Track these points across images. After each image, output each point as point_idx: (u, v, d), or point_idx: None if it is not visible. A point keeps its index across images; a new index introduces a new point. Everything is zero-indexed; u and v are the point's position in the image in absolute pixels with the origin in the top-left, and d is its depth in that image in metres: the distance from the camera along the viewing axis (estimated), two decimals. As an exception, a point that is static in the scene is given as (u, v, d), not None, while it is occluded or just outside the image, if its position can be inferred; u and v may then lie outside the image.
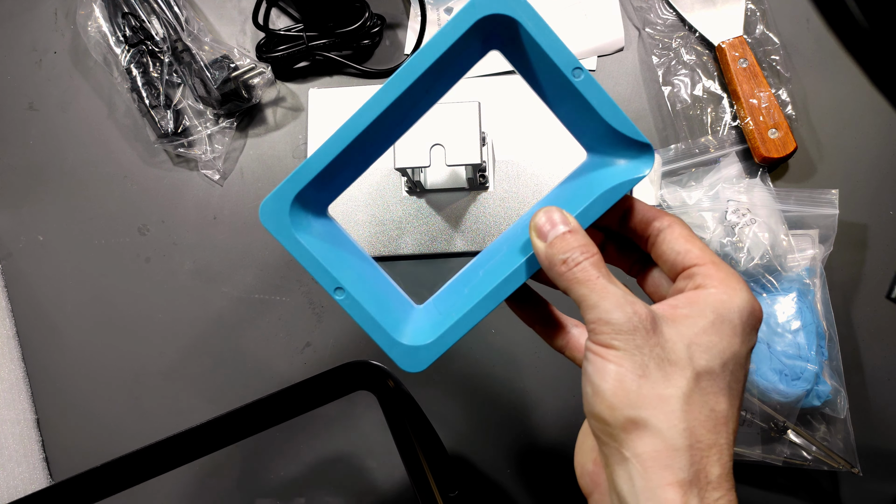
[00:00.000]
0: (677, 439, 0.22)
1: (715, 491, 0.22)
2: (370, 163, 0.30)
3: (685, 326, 0.24)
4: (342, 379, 0.41)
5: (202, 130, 0.55)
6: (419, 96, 0.27)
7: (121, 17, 0.54)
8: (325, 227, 0.29)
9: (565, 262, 0.24)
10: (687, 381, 0.23)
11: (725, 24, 0.53)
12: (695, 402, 0.22)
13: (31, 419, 0.52)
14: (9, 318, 0.54)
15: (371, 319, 0.27)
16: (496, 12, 0.25)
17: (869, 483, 0.47)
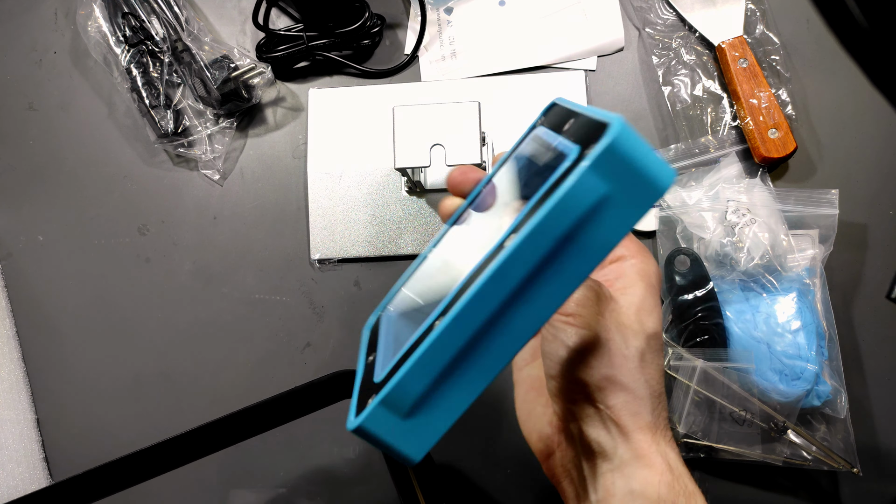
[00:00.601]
0: (641, 390, 0.26)
1: (667, 431, 0.27)
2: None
3: (629, 296, 0.27)
4: (330, 388, 0.41)
5: (202, 130, 0.55)
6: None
7: (121, 17, 0.54)
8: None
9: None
10: (641, 342, 0.27)
11: (725, 24, 0.53)
12: (647, 359, 0.27)
13: (30, 419, 0.52)
14: (9, 318, 0.54)
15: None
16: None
17: (869, 483, 0.47)
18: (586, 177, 0.20)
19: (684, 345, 0.47)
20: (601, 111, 0.22)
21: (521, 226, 0.21)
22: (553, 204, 0.20)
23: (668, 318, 0.48)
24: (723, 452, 0.46)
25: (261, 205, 0.55)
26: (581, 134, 0.23)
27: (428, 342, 0.22)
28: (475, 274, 0.22)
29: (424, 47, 0.56)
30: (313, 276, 0.53)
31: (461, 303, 0.21)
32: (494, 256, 0.21)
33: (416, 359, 0.22)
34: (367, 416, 0.22)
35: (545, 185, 0.22)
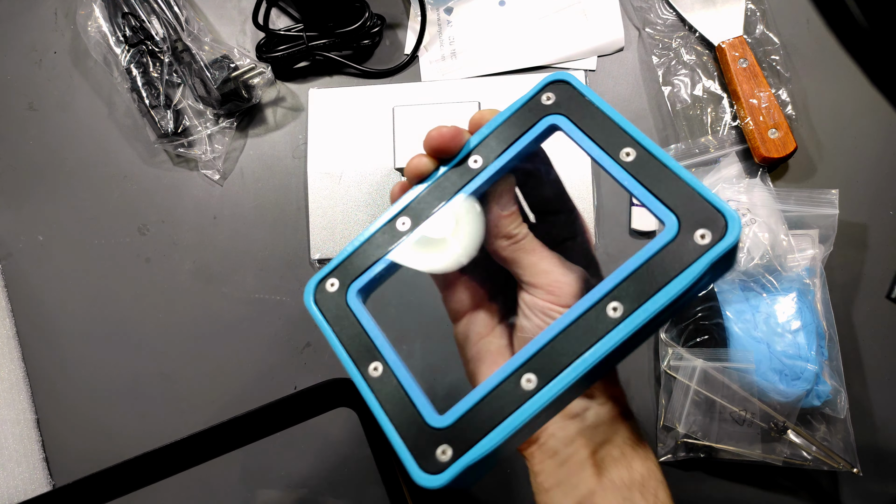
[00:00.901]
0: (614, 372, 0.30)
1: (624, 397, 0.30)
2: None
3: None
4: (323, 395, 0.41)
5: (202, 130, 0.55)
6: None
7: (121, 17, 0.54)
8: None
9: (514, 236, 0.28)
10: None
11: (725, 24, 0.53)
12: None
13: (30, 419, 0.52)
14: (9, 318, 0.54)
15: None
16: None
17: (869, 483, 0.47)
18: (706, 272, 0.22)
19: (684, 345, 0.47)
20: (668, 156, 0.23)
21: (631, 302, 0.22)
22: (674, 294, 0.22)
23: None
24: (723, 452, 0.46)
25: (261, 205, 0.55)
26: (668, 194, 0.23)
27: (527, 413, 0.22)
28: (573, 339, 0.23)
29: (424, 47, 0.56)
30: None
31: (565, 380, 0.22)
32: (598, 327, 0.22)
33: (515, 427, 0.22)
34: (456, 476, 0.23)
35: (641, 257, 0.23)
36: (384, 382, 0.25)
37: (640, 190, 0.24)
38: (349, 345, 0.27)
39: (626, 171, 0.24)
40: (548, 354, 0.23)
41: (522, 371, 0.23)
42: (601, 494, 0.27)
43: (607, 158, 0.24)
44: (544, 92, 0.27)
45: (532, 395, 0.22)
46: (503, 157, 0.27)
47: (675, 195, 0.23)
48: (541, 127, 0.26)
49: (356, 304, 0.27)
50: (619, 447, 0.28)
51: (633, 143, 0.24)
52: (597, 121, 0.25)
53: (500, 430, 0.22)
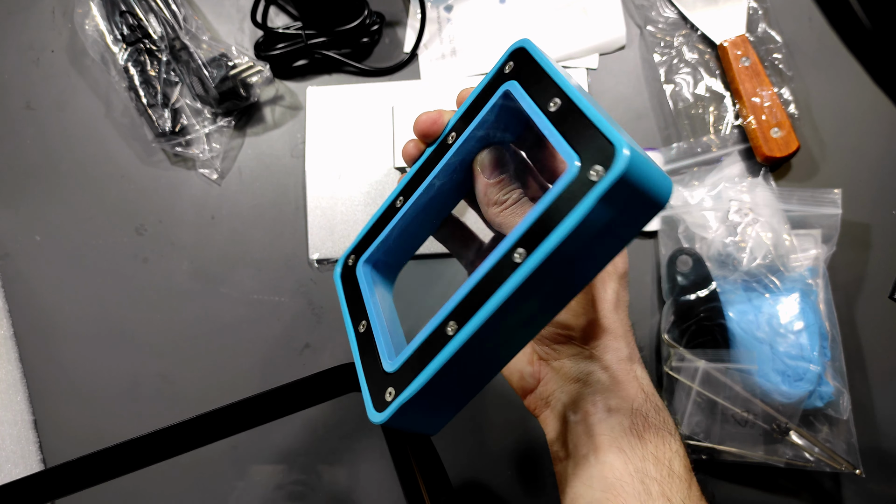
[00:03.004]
0: (619, 329, 0.30)
1: (639, 359, 0.31)
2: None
3: None
4: (337, 379, 0.41)
5: (200, 129, 0.54)
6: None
7: (118, 15, 0.54)
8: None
9: (504, 202, 0.28)
10: (615, 283, 0.31)
11: (727, 23, 0.52)
12: (621, 298, 0.31)
13: (28, 420, 0.52)
14: (6, 318, 0.54)
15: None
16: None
17: (871, 484, 0.47)
18: (597, 209, 0.21)
19: (686, 346, 0.46)
20: (586, 101, 0.23)
21: (530, 246, 0.23)
22: (563, 234, 0.22)
23: (671, 319, 0.47)
24: (725, 454, 0.45)
25: (259, 204, 0.55)
26: (577, 135, 0.23)
27: (446, 354, 0.24)
28: (485, 286, 0.24)
29: (424, 45, 0.56)
30: (312, 277, 0.53)
31: (476, 322, 0.23)
32: (504, 273, 0.23)
33: (436, 369, 0.24)
34: (392, 415, 0.25)
35: (545, 201, 0.23)
36: (367, 337, 0.29)
37: (555, 135, 0.24)
38: (351, 308, 0.31)
39: (546, 118, 0.24)
40: (465, 303, 0.24)
41: (448, 319, 0.25)
42: (611, 465, 0.27)
43: (536, 109, 0.25)
44: (508, 61, 0.28)
45: (450, 339, 0.24)
46: (468, 129, 0.28)
47: (583, 137, 0.23)
48: (497, 94, 0.28)
49: (361, 273, 0.32)
50: (630, 416, 0.28)
51: (561, 94, 0.24)
52: (541, 81, 0.26)
53: (426, 372, 0.24)
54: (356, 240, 0.33)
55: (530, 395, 0.32)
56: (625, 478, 0.26)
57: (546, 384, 0.31)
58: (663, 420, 0.29)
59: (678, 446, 0.28)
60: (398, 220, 0.31)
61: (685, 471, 0.27)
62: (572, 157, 0.22)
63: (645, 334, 0.50)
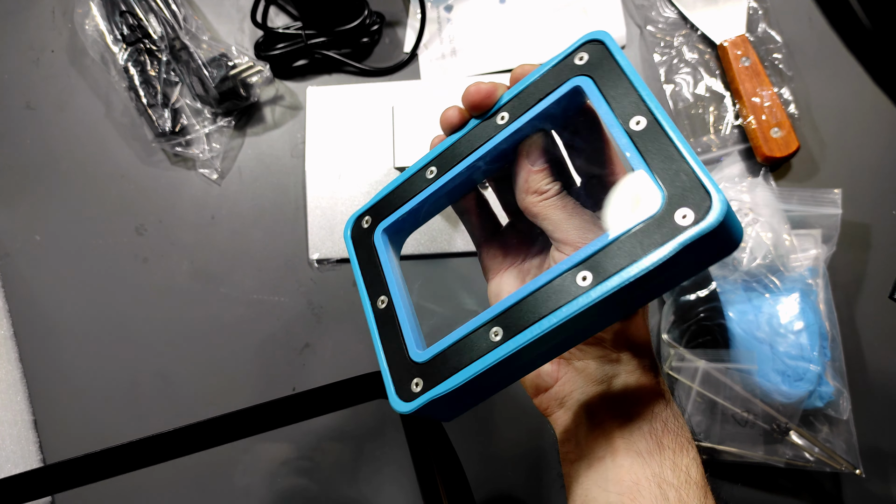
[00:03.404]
0: (644, 337, 0.30)
1: (657, 365, 0.31)
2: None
3: None
4: (364, 386, 0.42)
5: (200, 129, 0.54)
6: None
7: (118, 15, 0.54)
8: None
9: (545, 192, 0.27)
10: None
11: (727, 23, 0.52)
12: (646, 308, 0.30)
13: (28, 420, 0.52)
14: (6, 318, 0.54)
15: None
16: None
17: (871, 484, 0.47)
18: (680, 253, 0.21)
19: (686, 346, 0.46)
20: (677, 130, 0.22)
21: (599, 273, 0.22)
22: (640, 272, 0.21)
23: (671, 319, 0.47)
24: (725, 454, 0.45)
25: (259, 204, 0.55)
26: (663, 168, 0.22)
27: (490, 360, 0.24)
28: (540, 301, 0.23)
29: (424, 45, 0.56)
30: (312, 277, 0.53)
31: (528, 336, 0.23)
32: (566, 294, 0.23)
33: (476, 372, 0.24)
34: (419, 407, 0.25)
35: (618, 230, 0.22)
36: (387, 315, 0.28)
37: (638, 160, 0.23)
38: (366, 276, 0.30)
39: (630, 138, 0.23)
40: (516, 312, 0.24)
41: (492, 324, 0.24)
42: (628, 469, 0.27)
43: (616, 124, 0.24)
44: (579, 51, 0.26)
45: (495, 347, 0.24)
46: (526, 115, 0.27)
47: (669, 171, 0.22)
48: (566, 88, 0.26)
49: (380, 241, 0.30)
50: (649, 421, 0.28)
51: (647, 113, 0.23)
52: (619, 86, 0.24)
53: (462, 373, 0.24)
54: (373, 200, 0.31)
55: (543, 395, 0.32)
56: (642, 482, 0.26)
57: (564, 384, 0.31)
58: (681, 426, 0.28)
59: (695, 453, 0.28)
60: (431, 193, 0.29)
61: (702, 478, 0.27)
62: (657, 193, 0.22)
63: (645, 334, 0.50)
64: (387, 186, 0.31)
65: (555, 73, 0.27)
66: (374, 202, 0.31)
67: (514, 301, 0.24)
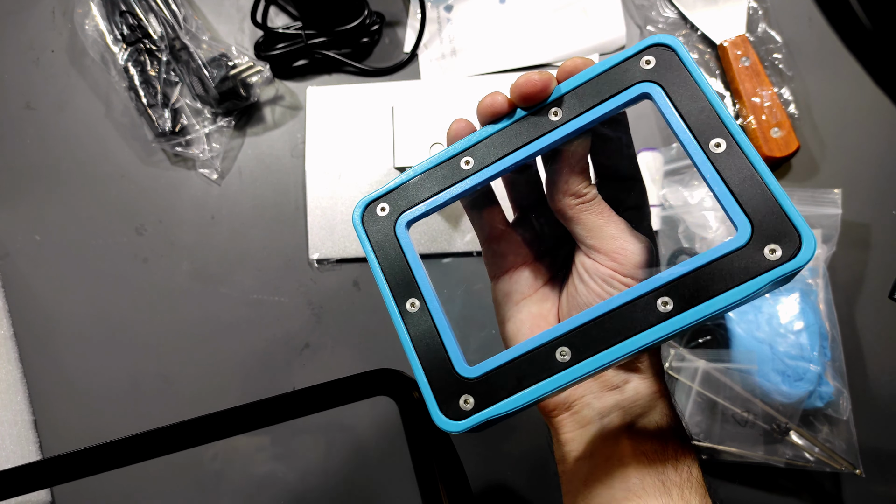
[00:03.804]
0: (660, 361, 0.30)
1: (664, 378, 0.30)
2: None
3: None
4: (368, 383, 0.42)
5: (200, 129, 0.54)
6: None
7: (118, 15, 0.54)
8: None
9: (583, 195, 0.26)
10: None
11: (727, 23, 0.52)
12: None
13: (28, 420, 0.52)
14: (6, 318, 0.54)
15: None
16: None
17: (871, 484, 0.47)
18: (766, 287, 0.21)
19: (686, 346, 0.46)
20: (767, 173, 0.22)
21: (682, 300, 0.22)
22: (728, 303, 0.21)
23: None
24: (725, 454, 0.45)
25: (259, 204, 0.55)
26: (748, 198, 0.22)
27: (557, 383, 0.23)
28: (615, 323, 0.23)
29: (424, 45, 0.56)
30: (312, 277, 0.53)
31: (602, 360, 0.22)
32: (645, 319, 0.22)
33: (542, 394, 0.23)
34: (468, 427, 0.23)
35: (704, 258, 0.22)
36: (419, 320, 0.25)
37: (721, 187, 0.22)
38: (390, 275, 0.26)
39: (711, 163, 0.22)
40: (588, 332, 0.23)
41: (559, 342, 0.23)
42: (634, 467, 0.27)
43: (695, 145, 0.23)
44: (645, 54, 0.25)
45: (563, 369, 0.23)
46: (586, 115, 0.25)
47: (755, 201, 0.22)
48: (633, 93, 0.24)
49: (404, 235, 0.26)
50: (656, 423, 0.28)
51: (726, 135, 0.22)
52: (693, 100, 0.23)
53: (524, 395, 0.23)
54: (389, 186, 0.27)
55: (551, 399, 0.31)
56: (646, 479, 0.26)
57: (577, 388, 0.31)
58: (683, 429, 0.29)
59: (694, 454, 0.28)
60: (472, 185, 0.26)
61: (701, 478, 0.28)
62: (744, 223, 0.22)
63: (645, 334, 0.50)
64: (407, 172, 0.27)
65: (616, 74, 0.25)
66: (392, 188, 0.27)
67: (585, 321, 0.23)
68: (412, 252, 0.26)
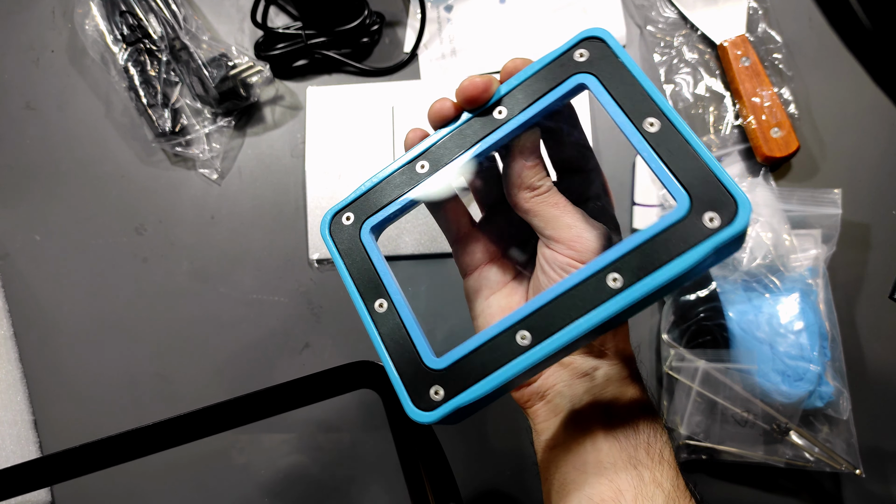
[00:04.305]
0: (626, 331, 0.31)
1: (638, 370, 0.31)
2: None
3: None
4: (349, 375, 0.42)
5: (200, 129, 0.54)
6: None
7: (118, 15, 0.54)
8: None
9: (538, 188, 0.27)
10: None
11: (727, 23, 0.52)
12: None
13: (28, 420, 0.52)
14: (6, 318, 0.54)
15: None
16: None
17: (871, 484, 0.47)
18: (709, 254, 0.22)
19: (686, 346, 0.46)
20: (701, 147, 0.23)
21: (630, 275, 0.23)
22: (674, 273, 0.22)
23: (671, 319, 0.47)
24: (725, 454, 0.45)
25: (259, 204, 0.55)
26: (683, 171, 0.23)
27: (521, 365, 0.23)
28: (570, 302, 0.23)
29: (424, 45, 0.56)
30: (312, 277, 0.53)
31: (560, 339, 0.23)
32: (597, 296, 0.23)
33: (507, 378, 0.24)
34: (445, 415, 0.24)
35: (648, 233, 0.23)
36: (387, 320, 0.27)
37: (658, 164, 0.23)
38: (358, 279, 0.28)
39: (647, 142, 0.23)
40: (545, 314, 0.24)
41: (519, 327, 0.24)
42: (607, 452, 0.27)
43: (630, 126, 0.24)
44: (578, 47, 0.26)
45: (524, 352, 0.23)
46: (528, 111, 0.26)
47: (691, 173, 0.23)
48: (569, 84, 0.26)
49: (369, 240, 0.28)
50: (627, 407, 0.28)
51: (659, 114, 0.24)
52: (626, 85, 0.25)
53: (490, 380, 0.24)
54: (353, 196, 0.29)
55: (525, 388, 0.32)
56: (618, 463, 0.27)
57: (548, 377, 0.31)
58: (654, 413, 0.29)
59: (667, 438, 0.29)
60: (425, 188, 0.28)
61: (673, 460, 0.28)
62: (682, 196, 0.22)
63: (645, 334, 0.50)
64: (367, 182, 0.29)
65: (553, 69, 0.26)
66: (355, 198, 0.29)
67: (541, 304, 0.24)
68: (378, 256, 0.28)
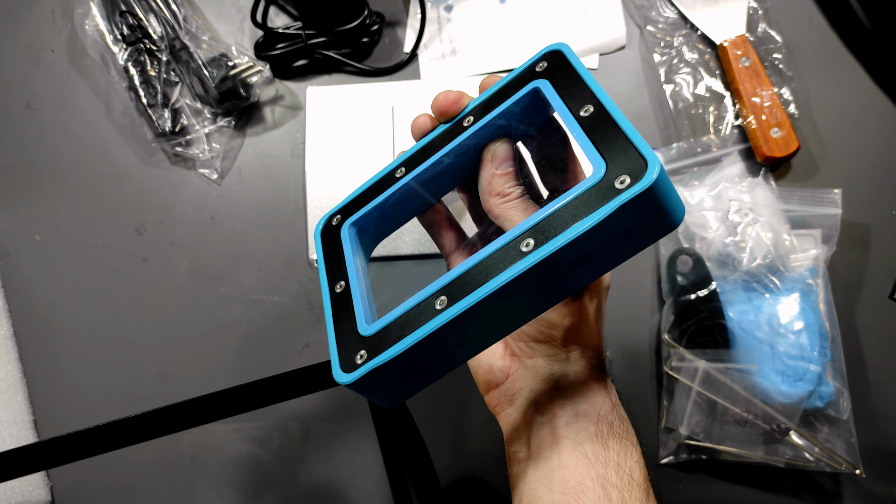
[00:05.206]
0: (596, 339, 0.31)
1: (608, 371, 0.32)
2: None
3: None
4: (317, 376, 0.42)
5: (200, 129, 0.54)
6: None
7: (118, 15, 0.54)
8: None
9: (508, 195, 0.28)
10: (600, 296, 0.32)
11: (727, 23, 0.52)
12: (601, 310, 0.32)
13: (28, 420, 0.52)
14: (6, 318, 0.54)
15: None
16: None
17: (871, 484, 0.47)
18: (616, 215, 0.22)
19: (686, 346, 0.46)
20: (621, 113, 0.24)
21: (541, 239, 0.23)
22: (579, 232, 0.22)
23: (671, 319, 0.47)
24: (725, 454, 0.45)
25: (259, 204, 0.55)
26: (606, 144, 0.24)
27: (431, 327, 0.24)
28: (485, 269, 0.24)
29: (424, 45, 0.56)
30: (312, 277, 0.53)
31: (469, 301, 0.24)
32: (508, 260, 0.24)
33: (418, 339, 0.24)
34: (359, 378, 0.25)
35: (563, 199, 0.23)
36: (343, 297, 0.29)
37: (584, 140, 0.24)
38: (329, 267, 0.31)
39: (578, 123, 0.25)
40: (461, 281, 0.25)
41: (438, 293, 0.25)
42: (573, 469, 0.27)
43: (568, 113, 0.26)
44: (540, 61, 0.29)
45: (438, 314, 0.24)
46: (488, 115, 0.29)
47: (613, 146, 0.24)
48: (526, 89, 0.28)
49: (346, 235, 0.31)
50: (595, 423, 0.29)
51: (595, 102, 0.25)
52: (573, 85, 0.26)
53: (405, 342, 0.25)
54: (344, 201, 0.33)
55: (494, 391, 0.32)
56: (586, 482, 0.27)
57: (514, 381, 0.32)
58: (626, 430, 0.29)
59: (639, 457, 0.29)
60: (396, 189, 0.31)
61: (644, 480, 0.28)
62: (599, 162, 0.23)
63: (645, 334, 0.50)
64: (358, 189, 0.33)
65: (517, 80, 0.29)
66: (345, 203, 0.33)
67: (461, 272, 0.25)
68: (348, 245, 0.31)
